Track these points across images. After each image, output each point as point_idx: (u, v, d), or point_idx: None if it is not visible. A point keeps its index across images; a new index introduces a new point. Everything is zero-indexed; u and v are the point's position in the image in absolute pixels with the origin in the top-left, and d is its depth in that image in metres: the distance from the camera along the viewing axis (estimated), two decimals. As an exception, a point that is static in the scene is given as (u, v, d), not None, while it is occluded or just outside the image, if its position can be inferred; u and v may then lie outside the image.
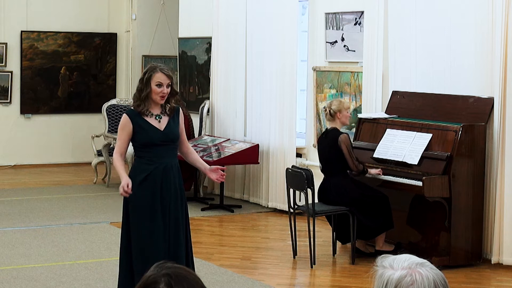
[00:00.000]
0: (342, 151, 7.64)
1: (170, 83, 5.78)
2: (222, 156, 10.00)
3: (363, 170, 7.73)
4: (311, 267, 7.56)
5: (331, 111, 7.78)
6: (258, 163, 10.22)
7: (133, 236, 5.81)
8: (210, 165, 6.12)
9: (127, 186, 5.68)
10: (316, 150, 9.85)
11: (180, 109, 5.96)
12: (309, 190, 7.52)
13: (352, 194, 7.66)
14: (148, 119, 5.78)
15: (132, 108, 5.86)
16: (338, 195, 7.70)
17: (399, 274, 2.22)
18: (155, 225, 5.75)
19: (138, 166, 5.84)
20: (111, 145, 11.72)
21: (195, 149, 10.19)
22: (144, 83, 5.78)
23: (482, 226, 7.74)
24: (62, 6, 13.48)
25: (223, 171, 6.03)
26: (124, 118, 5.82)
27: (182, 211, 5.90)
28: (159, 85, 5.74)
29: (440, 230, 7.66)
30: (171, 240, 5.80)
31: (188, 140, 6.20)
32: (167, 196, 5.80)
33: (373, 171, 7.83)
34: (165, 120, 5.82)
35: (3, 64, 13.12)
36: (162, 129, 5.79)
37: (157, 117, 5.80)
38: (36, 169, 13.13)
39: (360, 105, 9.07)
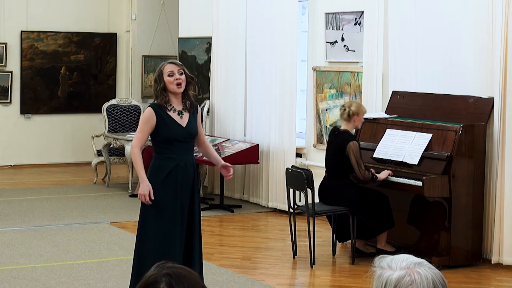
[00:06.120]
0: (349, 158, 7.58)
1: (182, 71, 5.84)
2: (222, 156, 9.97)
3: (372, 178, 7.63)
4: (311, 267, 7.56)
5: (350, 112, 7.67)
6: (258, 163, 10.22)
7: (149, 234, 5.82)
8: (222, 162, 6.15)
9: (149, 195, 5.71)
10: (316, 150, 9.88)
11: (198, 105, 6.02)
12: (309, 190, 7.52)
13: (352, 197, 7.63)
14: (171, 114, 5.82)
15: (155, 102, 5.89)
16: (337, 197, 7.68)
17: (398, 274, 2.23)
18: (174, 224, 5.77)
19: (158, 163, 5.84)
20: (111, 145, 11.71)
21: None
22: (158, 80, 5.86)
23: (482, 226, 7.74)
24: (62, 6, 13.47)
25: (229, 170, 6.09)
26: (149, 111, 5.84)
27: (198, 208, 5.94)
28: (171, 74, 5.81)
29: (440, 230, 7.66)
30: (186, 238, 5.82)
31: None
32: (186, 195, 5.83)
33: (382, 175, 7.74)
34: (186, 116, 5.87)
35: (3, 64, 13.12)
36: (184, 125, 5.84)
37: (179, 113, 5.84)
38: (36, 169, 13.13)
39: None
